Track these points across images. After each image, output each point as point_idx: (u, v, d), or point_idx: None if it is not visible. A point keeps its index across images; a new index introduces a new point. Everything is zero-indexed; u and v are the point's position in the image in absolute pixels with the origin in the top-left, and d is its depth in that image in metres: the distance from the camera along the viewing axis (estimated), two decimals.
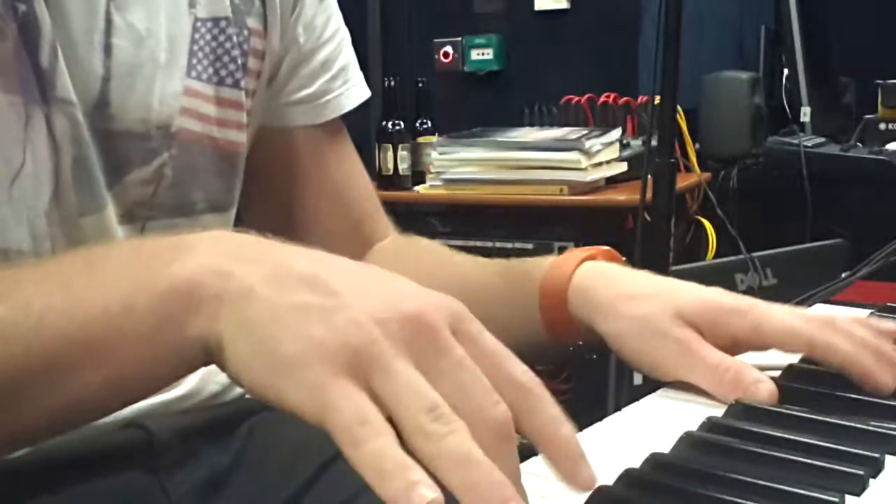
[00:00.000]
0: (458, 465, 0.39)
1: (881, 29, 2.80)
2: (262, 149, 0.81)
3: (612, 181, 2.42)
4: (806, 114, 2.67)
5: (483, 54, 2.92)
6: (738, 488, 0.46)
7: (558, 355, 0.83)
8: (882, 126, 2.53)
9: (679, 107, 1.93)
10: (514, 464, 0.42)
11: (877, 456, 0.50)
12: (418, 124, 2.75)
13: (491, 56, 2.91)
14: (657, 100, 1.84)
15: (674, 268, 1.70)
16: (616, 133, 2.43)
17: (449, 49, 2.95)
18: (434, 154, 2.45)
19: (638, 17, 2.75)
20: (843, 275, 0.97)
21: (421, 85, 2.83)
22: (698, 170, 2.62)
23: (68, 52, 0.64)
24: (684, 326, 0.64)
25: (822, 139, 2.58)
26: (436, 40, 2.96)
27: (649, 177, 1.80)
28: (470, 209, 2.46)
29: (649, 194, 1.80)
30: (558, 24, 2.85)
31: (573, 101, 2.69)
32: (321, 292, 0.44)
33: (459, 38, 2.94)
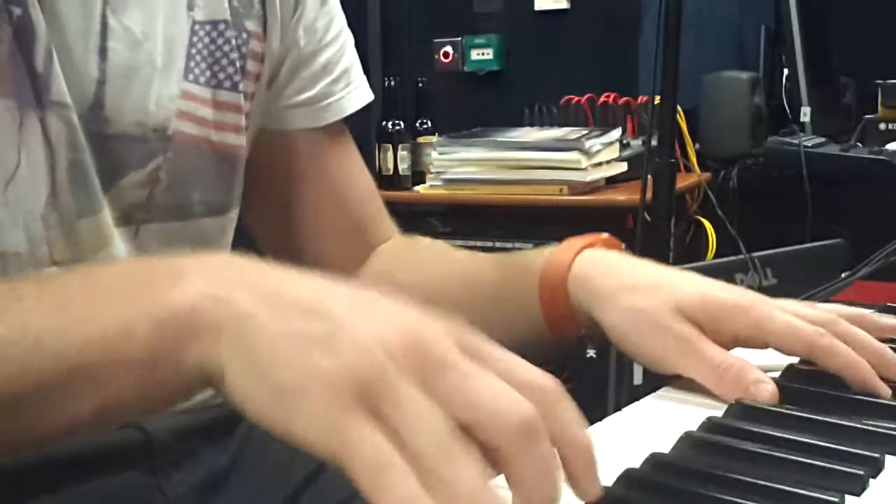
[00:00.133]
0: None
1: (881, 29, 2.80)
2: (263, 152, 0.80)
3: (612, 181, 2.41)
4: (806, 114, 2.67)
5: (483, 54, 2.92)
6: (738, 488, 0.46)
7: (558, 352, 0.82)
8: (882, 126, 2.53)
9: (679, 107, 1.93)
10: (547, 463, 0.41)
11: (877, 456, 0.50)
12: (418, 124, 2.75)
13: (491, 56, 2.91)
14: (657, 100, 1.84)
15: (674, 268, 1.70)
16: (616, 133, 2.43)
17: (449, 49, 2.94)
18: (434, 154, 2.45)
19: (638, 17, 2.75)
20: (843, 275, 0.97)
21: (421, 85, 2.83)
22: (698, 170, 2.62)
23: (63, 56, 0.64)
24: (684, 322, 0.63)
25: (822, 139, 2.58)
26: (436, 40, 2.96)
27: (649, 177, 1.80)
28: (470, 209, 2.46)
29: (649, 194, 1.80)
30: (558, 24, 2.85)
31: (573, 101, 2.69)
32: (322, 318, 0.43)
33: (459, 38, 2.94)
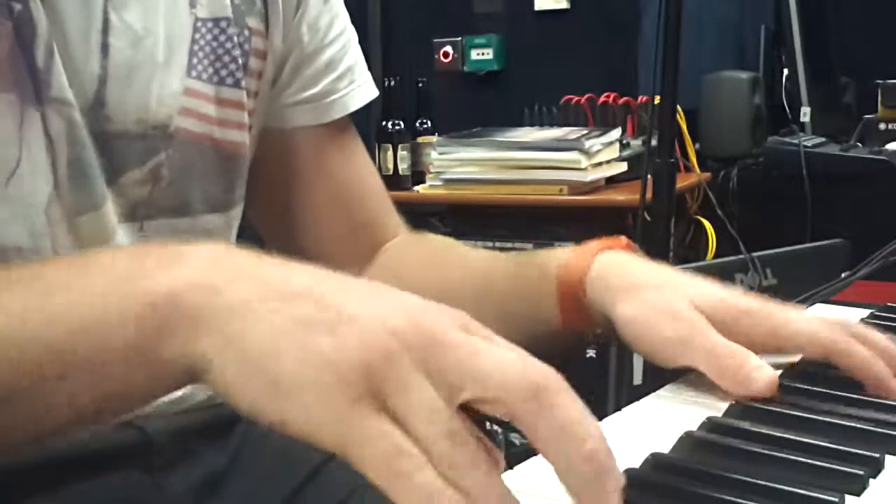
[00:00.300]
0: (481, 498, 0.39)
1: (881, 29, 2.80)
2: (267, 149, 0.80)
3: (612, 181, 2.41)
4: (806, 114, 2.67)
5: (483, 54, 2.92)
6: (738, 488, 0.46)
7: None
8: (882, 126, 2.53)
9: (679, 107, 1.93)
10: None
11: (877, 456, 0.50)
12: (418, 124, 2.75)
13: (491, 56, 2.91)
14: (657, 100, 1.84)
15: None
16: (616, 133, 2.43)
17: (449, 49, 2.95)
18: (434, 154, 2.45)
19: (638, 17, 2.75)
20: (843, 275, 0.96)
21: (421, 85, 2.83)
22: (698, 170, 2.62)
23: (64, 52, 0.63)
24: (696, 312, 0.63)
25: (822, 139, 2.58)
26: (436, 40, 2.96)
27: (649, 177, 1.80)
28: (470, 209, 2.46)
29: (649, 194, 1.80)
30: (558, 24, 2.85)
31: (573, 101, 2.69)
32: (323, 306, 0.42)
33: (459, 38, 2.94)
